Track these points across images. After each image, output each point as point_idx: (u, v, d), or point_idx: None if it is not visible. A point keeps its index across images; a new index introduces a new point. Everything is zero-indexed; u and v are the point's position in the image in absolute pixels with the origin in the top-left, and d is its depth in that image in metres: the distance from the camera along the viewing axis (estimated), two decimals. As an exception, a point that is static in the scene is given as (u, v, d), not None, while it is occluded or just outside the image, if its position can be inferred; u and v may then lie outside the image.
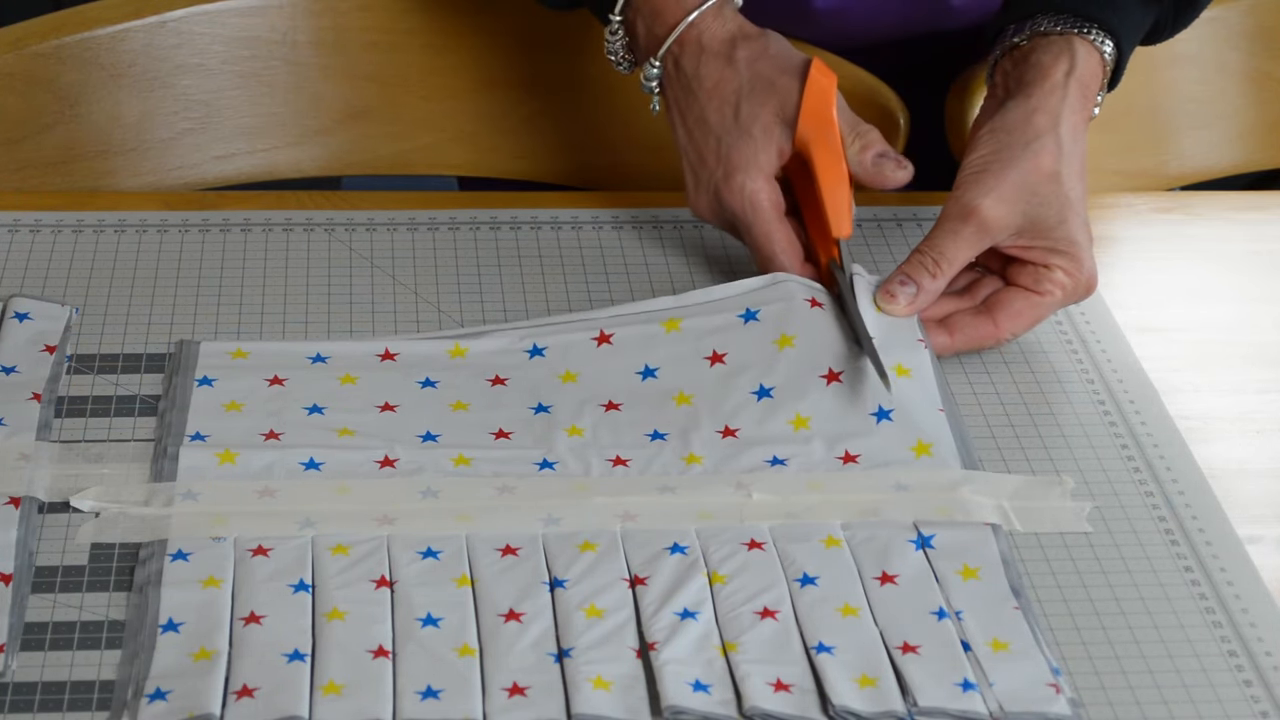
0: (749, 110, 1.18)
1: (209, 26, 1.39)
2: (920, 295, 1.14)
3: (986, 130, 1.16)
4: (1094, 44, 1.19)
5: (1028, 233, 1.15)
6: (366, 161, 1.45)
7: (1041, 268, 1.15)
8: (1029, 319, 1.16)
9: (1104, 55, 1.20)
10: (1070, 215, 1.15)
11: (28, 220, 1.27)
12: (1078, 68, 1.18)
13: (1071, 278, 1.15)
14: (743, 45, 1.20)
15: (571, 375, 1.13)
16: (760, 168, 1.18)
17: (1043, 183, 1.14)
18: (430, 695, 0.91)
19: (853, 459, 1.07)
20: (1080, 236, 1.15)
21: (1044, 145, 1.15)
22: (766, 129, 1.18)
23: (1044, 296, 1.15)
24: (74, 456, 1.06)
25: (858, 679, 0.93)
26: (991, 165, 1.14)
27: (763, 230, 1.18)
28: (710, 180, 1.20)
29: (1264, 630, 0.98)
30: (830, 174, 1.17)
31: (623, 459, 1.07)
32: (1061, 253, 1.15)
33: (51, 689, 0.92)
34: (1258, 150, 1.50)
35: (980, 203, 1.13)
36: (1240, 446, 1.12)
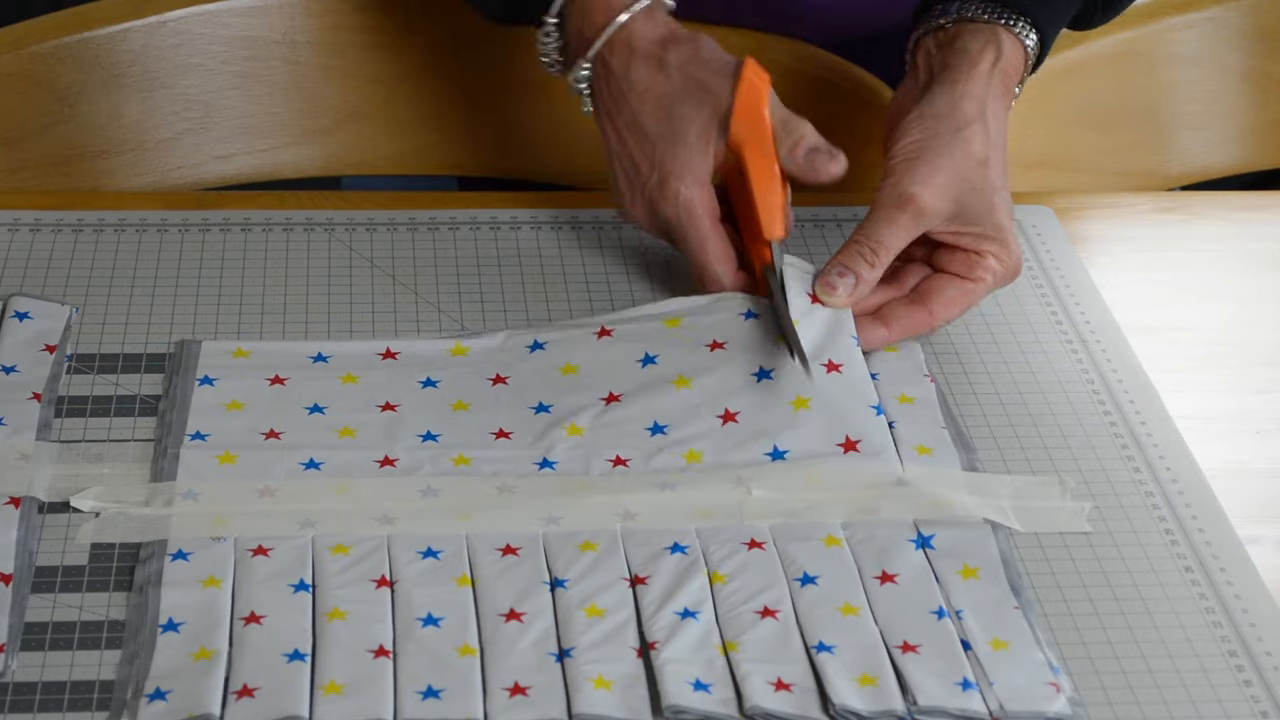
0: (683, 114, 1.18)
1: (208, 26, 1.39)
2: (859, 285, 1.14)
3: (915, 116, 1.16)
4: (1018, 36, 1.20)
5: (959, 219, 1.15)
6: (366, 161, 1.45)
7: (973, 254, 1.16)
8: (962, 305, 1.16)
9: (1027, 48, 1.20)
10: (998, 201, 1.16)
11: (28, 220, 1.27)
12: (1003, 59, 1.19)
13: (1001, 263, 1.16)
14: (673, 48, 1.19)
15: (572, 367, 1.13)
16: (695, 174, 1.17)
17: (973, 169, 1.15)
18: (431, 695, 0.91)
19: (853, 446, 1.07)
20: (1006, 221, 1.16)
21: (973, 132, 1.15)
22: (701, 133, 1.17)
23: (976, 283, 1.16)
24: (74, 456, 1.06)
25: (858, 678, 0.93)
26: (924, 152, 1.14)
27: (697, 238, 1.17)
28: (645, 187, 1.19)
29: (1264, 630, 0.98)
30: (763, 175, 1.17)
31: (623, 459, 1.07)
32: (991, 238, 1.15)
33: (51, 689, 0.92)
34: (1258, 150, 1.50)
35: (915, 189, 1.13)
36: (1240, 446, 1.12)
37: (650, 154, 1.18)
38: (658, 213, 1.19)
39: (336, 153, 1.44)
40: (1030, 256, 1.28)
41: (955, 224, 1.15)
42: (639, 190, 1.19)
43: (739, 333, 1.14)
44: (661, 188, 1.18)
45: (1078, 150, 1.45)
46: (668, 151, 1.17)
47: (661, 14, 1.21)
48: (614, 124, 1.21)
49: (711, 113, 1.17)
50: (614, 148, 1.21)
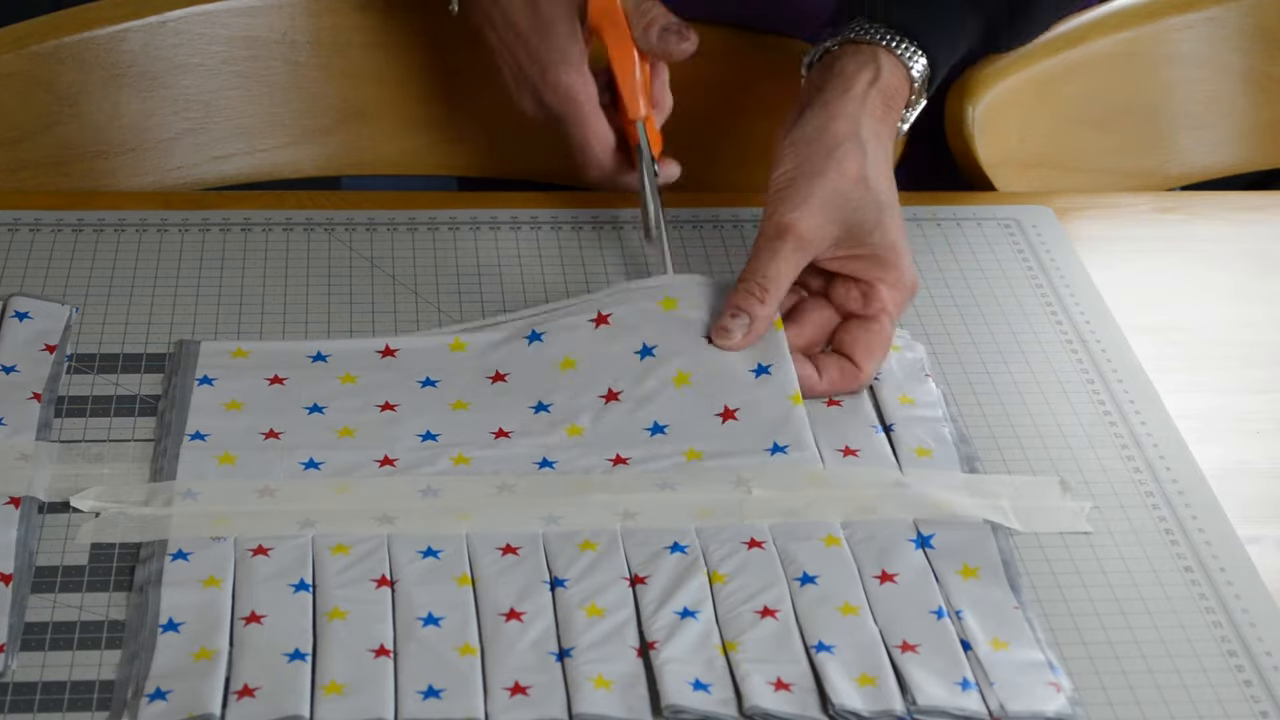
0: (548, 7, 1.22)
1: (208, 26, 1.39)
2: (754, 324, 1.12)
3: (787, 144, 1.15)
4: (900, 57, 1.19)
5: (845, 242, 1.13)
6: (366, 161, 1.45)
7: (864, 284, 1.14)
8: (881, 346, 1.13)
9: (910, 70, 1.19)
10: (884, 218, 1.14)
11: (28, 220, 1.27)
12: (881, 79, 1.17)
13: (895, 289, 1.14)
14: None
15: (570, 361, 1.13)
16: (570, 61, 1.22)
17: (851, 188, 1.13)
18: (432, 695, 0.91)
19: (853, 453, 1.08)
20: (896, 239, 1.14)
21: (846, 151, 1.14)
22: (567, 23, 1.22)
23: (880, 318, 1.13)
24: (74, 456, 1.06)
25: (858, 678, 0.93)
26: (796, 180, 1.13)
27: (578, 122, 1.22)
28: (529, 82, 1.24)
29: (1264, 630, 0.98)
30: (621, 56, 1.22)
31: (623, 457, 1.07)
32: (881, 260, 1.13)
33: (51, 689, 0.92)
34: (1258, 150, 1.50)
35: (791, 218, 1.12)
36: (1240, 446, 1.12)
37: (526, 47, 1.23)
38: (544, 102, 1.23)
39: (336, 153, 1.44)
40: (1030, 256, 1.28)
41: (843, 247, 1.13)
42: (524, 83, 1.24)
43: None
44: (543, 78, 1.22)
45: (1078, 150, 1.45)
46: (541, 44, 1.22)
47: None
48: (491, 24, 1.26)
49: (570, 1, 1.22)
50: (495, 46, 1.26)
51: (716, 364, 1.12)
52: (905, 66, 1.19)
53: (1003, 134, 1.39)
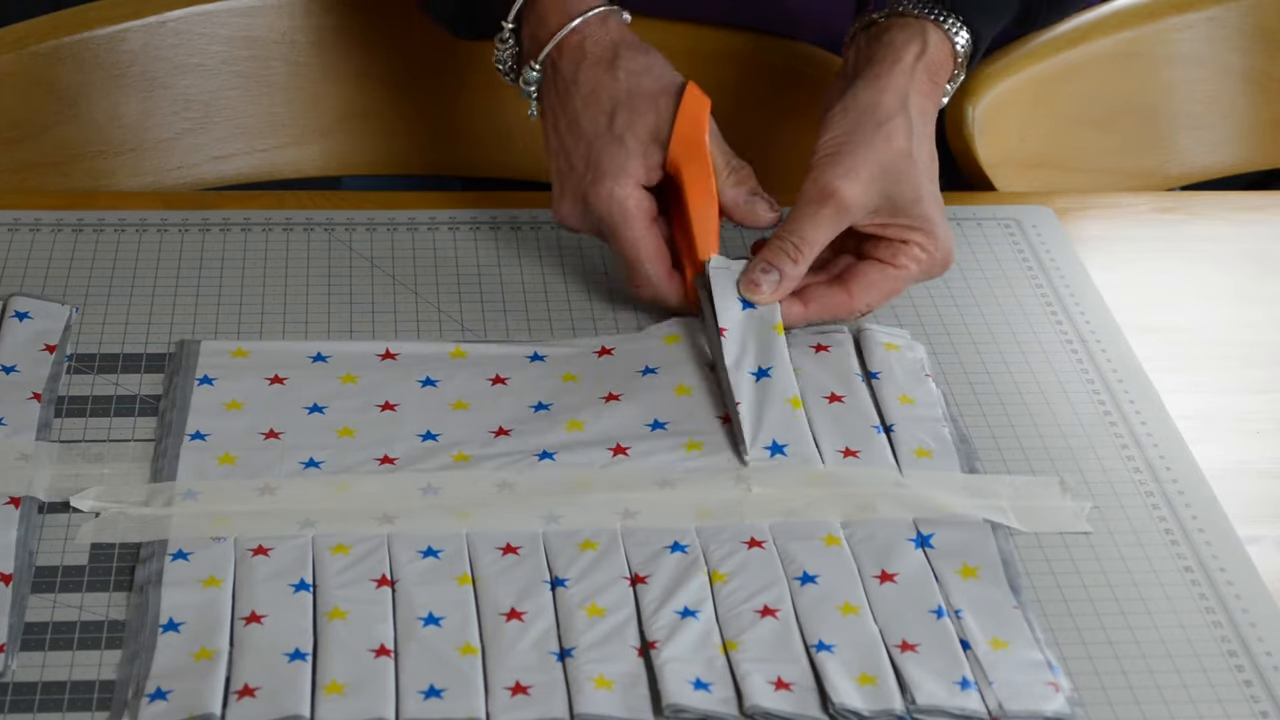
0: (624, 119, 1.18)
1: (208, 26, 1.39)
2: (784, 281, 1.14)
3: (838, 110, 1.16)
4: (947, 32, 1.20)
5: (884, 211, 1.15)
6: (366, 161, 1.45)
7: (899, 243, 1.16)
8: (883, 291, 1.16)
9: (955, 45, 1.20)
10: (924, 193, 1.16)
11: (28, 220, 1.27)
12: (928, 53, 1.19)
13: (927, 253, 1.16)
14: (626, 55, 1.20)
15: (572, 376, 1.13)
16: (630, 174, 1.17)
17: (897, 161, 1.15)
18: (433, 694, 0.91)
19: (853, 454, 1.08)
20: (935, 214, 1.16)
21: (895, 126, 1.15)
22: (639, 140, 1.17)
23: (900, 269, 1.16)
24: (74, 456, 1.06)
25: (857, 677, 0.93)
26: (845, 146, 1.14)
27: (630, 236, 1.17)
28: (579, 185, 1.19)
29: (1264, 630, 0.98)
30: (700, 196, 1.17)
31: (623, 447, 1.07)
32: (918, 229, 1.16)
33: (51, 689, 0.92)
34: (1258, 150, 1.50)
35: (838, 184, 1.13)
36: (1240, 446, 1.12)
37: (586, 153, 1.19)
38: (590, 209, 1.18)
39: (336, 153, 1.44)
40: (1030, 256, 1.28)
41: (881, 216, 1.15)
42: (570, 188, 1.19)
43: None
44: (595, 186, 1.17)
45: (1078, 150, 1.45)
46: (604, 151, 1.18)
47: (615, 21, 1.21)
48: (555, 124, 1.21)
49: (652, 124, 1.18)
50: (552, 145, 1.21)
51: (715, 382, 1.13)
52: (950, 41, 1.20)
53: (1003, 134, 1.39)
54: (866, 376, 1.15)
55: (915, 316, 1.21)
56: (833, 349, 1.16)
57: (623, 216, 1.17)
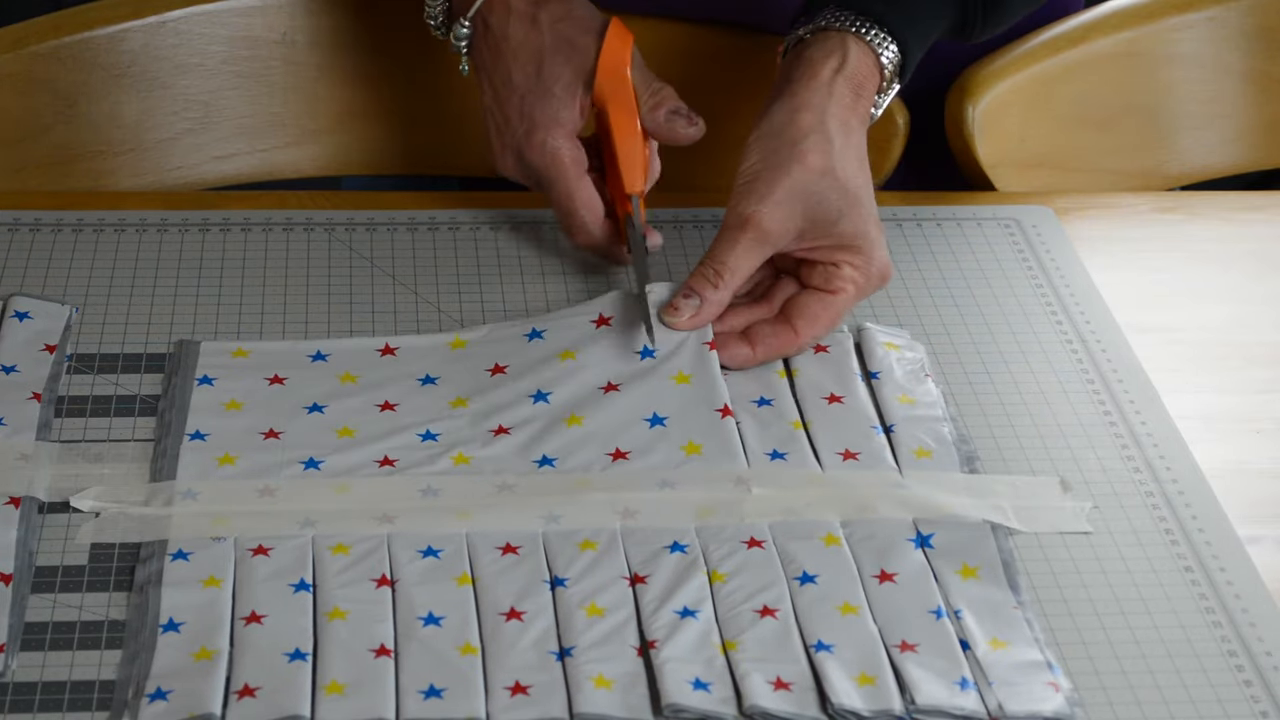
0: (551, 69, 1.21)
1: (208, 26, 1.39)
2: (704, 307, 1.14)
3: (754, 136, 1.16)
4: (869, 44, 1.18)
5: (810, 233, 1.14)
6: (366, 161, 1.45)
7: (830, 266, 1.15)
8: (826, 321, 1.15)
9: (880, 57, 1.19)
10: (851, 209, 1.14)
11: (28, 220, 1.27)
12: (848, 66, 1.17)
13: (861, 271, 1.15)
14: (546, 7, 1.22)
15: (569, 354, 1.13)
16: (562, 125, 1.20)
17: (815, 181, 1.13)
18: (433, 694, 0.91)
19: (853, 456, 1.08)
20: (867, 228, 1.15)
21: (811, 144, 1.14)
22: (568, 87, 1.20)
23: (836, 295, 1.15)
24: (74, 456, 1.06)
25: (857, 677, 0.93)
26: (762, 172, 1.14)
27: (564, 187, 1.20)
28: (514, 138, 1.22)
29: (1264, 630, 0.98)
30: (623, 130, 1.21)
31: (622, 451, 1.07)
32: (847, 248, 1.14)
33: (51, 689, 0.92)
34: (1258, 150, 1.50)
35: (755, 210, 1.13)
36: (1240, 446, 1.12)
37: (519, 107, 1.22)
38: (526, 162, 1.22)
39: (336, 153, 1.44)
40: (1030, 256, 1.28)
41: (807, 239, 1.14)
42: (507, 142, 1.23)
43: None
44: (529, 138, 1.21)
45: (1078, 150, 1.45)
46: (535, 104, 1.21)
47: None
48: (490, 80, 1.24)
49: (578, 68, 1.20)
50: (487, 101, 1.24)
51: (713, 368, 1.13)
52: (874, 53, 1.18)
53: (1003, 134, 1.39)
54: (866, 376, 1.15)
55: (915, 316, 1.21)
56: (832, 349, 1.16)
57: (556, 167, 1.20)
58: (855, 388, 1.13)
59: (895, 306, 1.22)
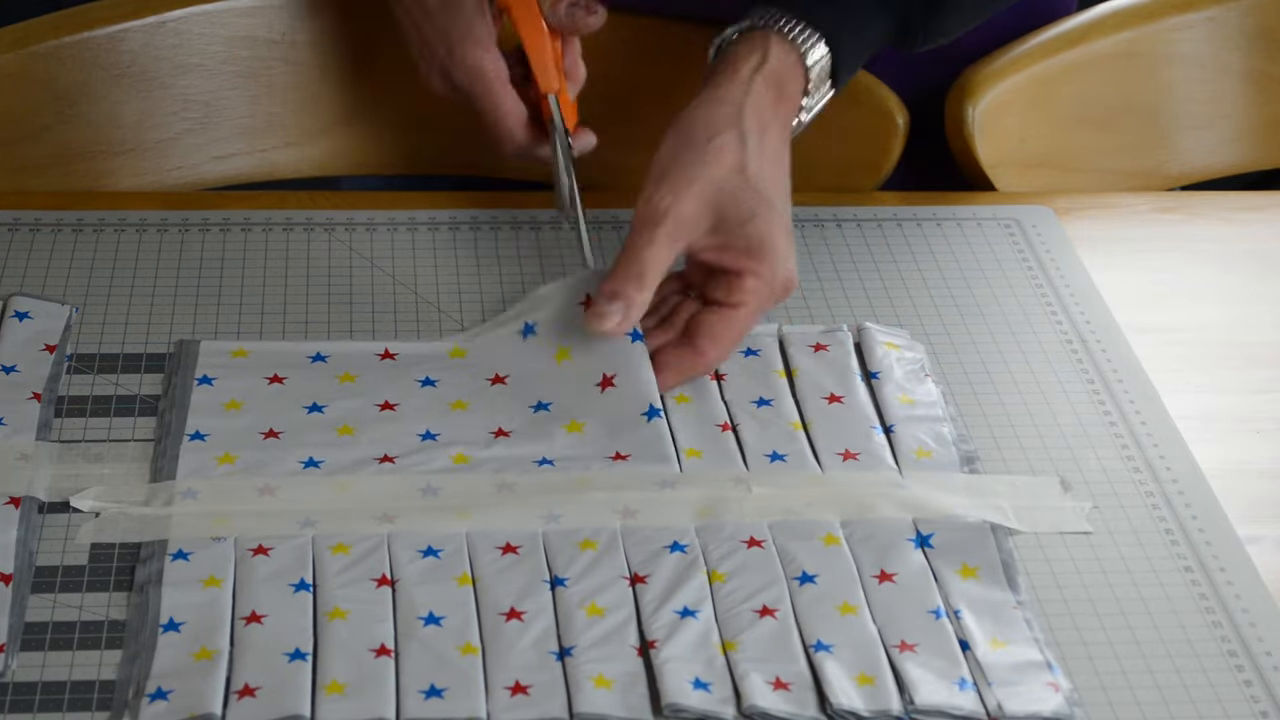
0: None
1: (208, 26, 1.39)
2: (630, 309, 1.11)
3: (670, 129, 1.14)
4: (792, 42, 1.17)
5: (720, 229, 1.12)
6: (366, 161, 1.45)
7: (733, 275, 1.12)
8: (730, 338, 1.13)
9: (802, 54, 1.17)
10: (762, 210, 1.12)
11: (28, 220, 1.27)
12: (768, 65, 1.16)
13: (761, 279, 1.12)
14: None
15: (565, 352, 1.13)
16: (477, 39, 1.21)
17: (726, 177, 1.12)
18: (434, 694, 0.91)
19: (853, 456, 1.08)
20: (776, 236, 1.12)
21: (724, 140, 1.12)
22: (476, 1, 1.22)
23: (737, 309, 1.12)
24: (74, 456, 1.06)
25: (856, 677, 0.93)
26: (673, 166, 1.12)
27: (489, 100, 1.21)
28: (435, 58, 1.23)
29: (1264, 630, 0.98)
30: (529, 29, 1.22)
31: (622, 454, 1.07)
32: (751, 252, 1.12)
33: (51, 689, 0.92)
34: (1258, 150, 1.50)
35: (667, 201, 1.11)
36: (1240, 446, 1.12)
37: (435, 26, 1.23)
38: (451, 79, 1.23)
39: (336, 153, 1.44)
40: (1030, 256, 1.28)
41: (716, 236, 1.12)
42: (432, 63, 1.24)
43: (738, 368, 1.15)
44: (450, 56, 1.22)
45: (1078, 150, 1.45)
46: (448, 23, 1.22)
47: None
48: (402, 4, 1.25)
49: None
50: (406, 26, 1.26)
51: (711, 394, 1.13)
52: (796, 51, 1.17)
53: (1003, 134, 1.39)
54: (866, 376, 1.15)
55: (915, 316, 1.21)
56: (832, 348, 1.16)
57: (478, 79, 1.21)
58: (855, 388, 1.13)
59: (895, 306, 1.22)
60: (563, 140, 1.19)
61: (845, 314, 1.21)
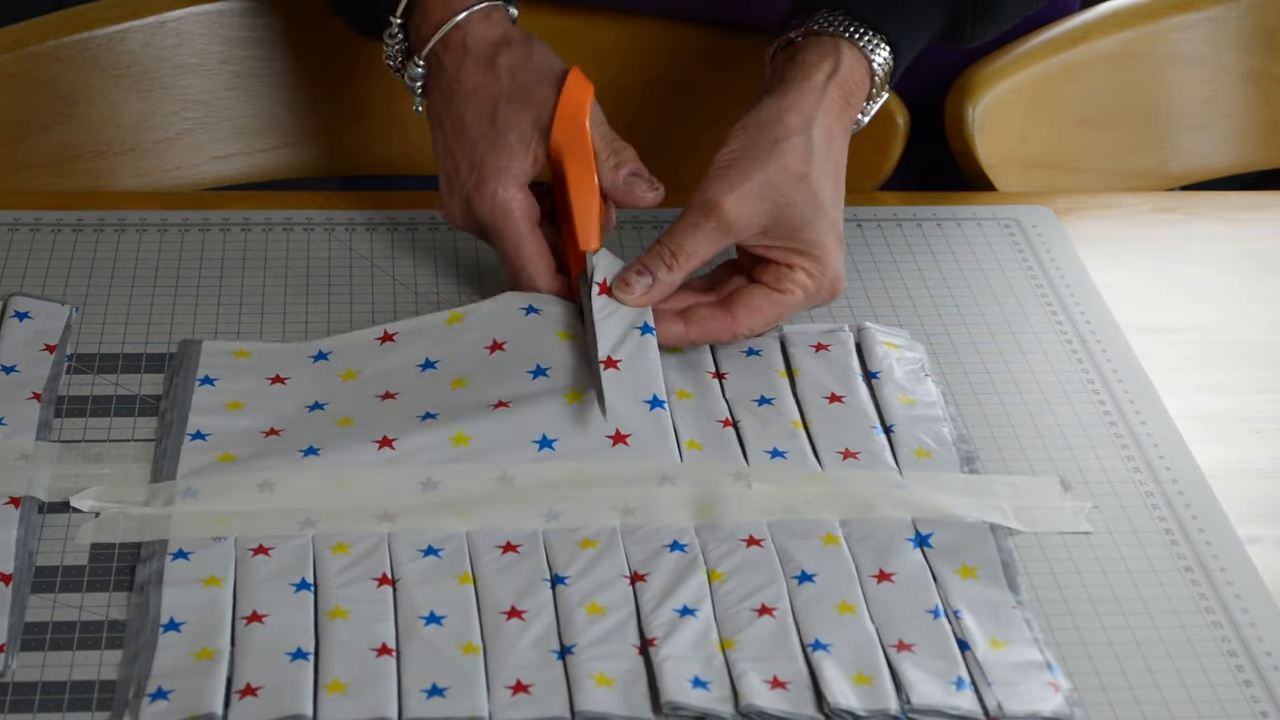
0: (506, 116, 1.17)
1: (207, 27, 1.39)
2: (656, 286, 1.12)
3: (739, 125, 1.14)
4: (862, 49, 1.17)
5: (772, 232, 1.13)
6: (366, 161, 1.45)
7: (784, 267, 1.13)
8: (767, 316, 1.14)
9: (872, 63, 1.17)
10: (817, 218, 1.13)
11: (28, 220, 1.27)
12: (840, 71, 1.16)
13: (814, 279, 1.13)
14: (505, 51, 1.19)
15: (567, 334, 1.13)
16: (513, 176, 1.16)
17: (789, 183, 1.12)
18: (436, 693, 0.91)
19: (853, 455, 1.08)
20: (827, 239, 1.13)
21: (793, 145, 1.13)
22: (522, 136, 1.17)
23: (785, 295, 1.14)
24: (74, 456, 1.06)
25: (853, 677, 0.93)
26: (737, 162, 1.12)
27: (513, 240, 1.16)
28: (463, 187, 1.18)
29: (1264, 630, 0.98)
30: (581, 186, 1.16)
31: (623, 435, 1.07)
32: (805, 254, 1.13)
33: (51, 689, 0.92)
34: (1258, 150, 1.50)
35: (723, 199, 1.11)
36: (1240, 446, 1.12)
37: (470, 154, 1.18)
38: (474, 212, 1.18)
39: (336, 153, 1.44)
40: (1030, 256, 1.28)
41: (768, 237, 1.13)
42: (456, 189, 1.18)
43: (739, 367, 1.15)
44: (479, 188, 1.17)
45: (1078, 150, 1.45)
46: (487, 152, 1.17)
47: (500, 16, 1.20)
48: (440, 123, 1.20)
49: (534, 117, 1.17)
50: (438, 145, 1.20)
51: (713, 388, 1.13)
52: (867, 59, 1.17)
53: (1003, 134, 1.39)
54: (866, 376, 1.15)
55: (915, 316, 1.21)
56: (833, 348, 1.16)
57: (505, 219, 1.16)
58: (855, 387, 1.13)
59: (895, 306, 1.22)
60: (593, 302, 1.13)
61: (845, 314, 1.21)
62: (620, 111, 1.41)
